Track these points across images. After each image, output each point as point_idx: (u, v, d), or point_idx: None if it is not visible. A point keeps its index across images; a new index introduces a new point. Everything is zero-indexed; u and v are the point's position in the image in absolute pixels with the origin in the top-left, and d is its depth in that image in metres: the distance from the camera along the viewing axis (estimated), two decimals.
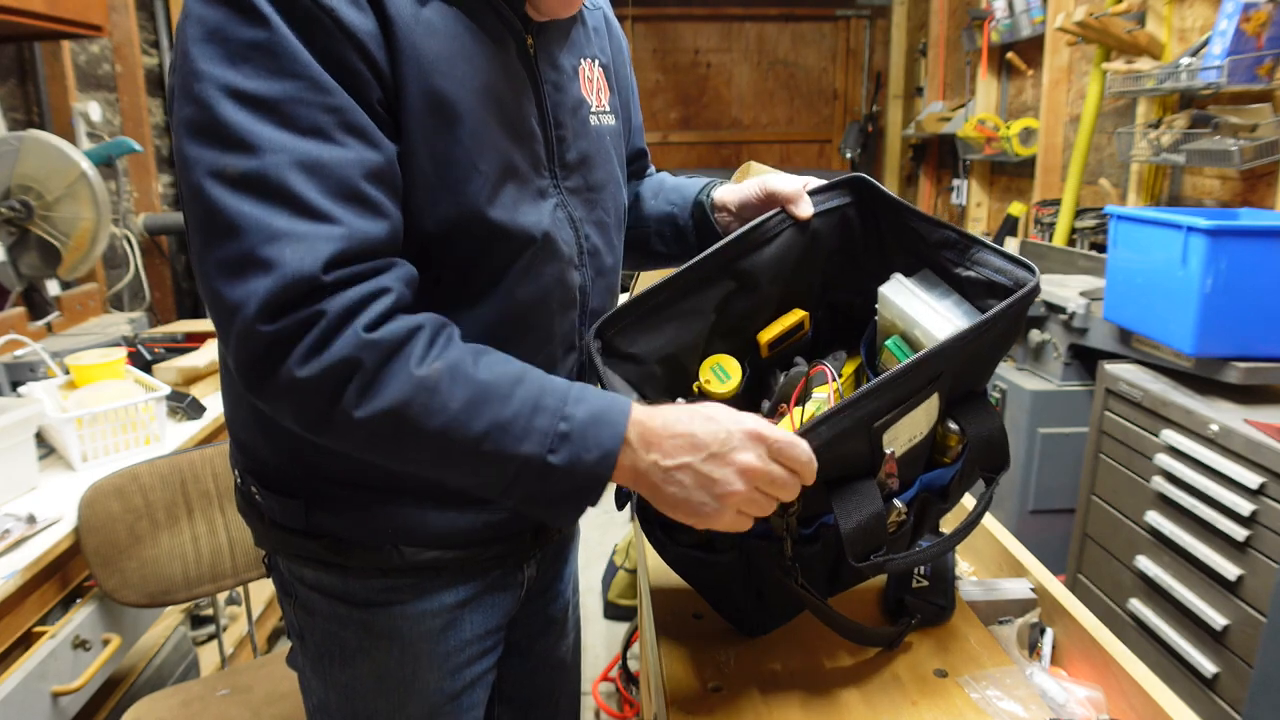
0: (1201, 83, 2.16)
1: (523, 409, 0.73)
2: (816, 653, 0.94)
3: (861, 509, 0.79)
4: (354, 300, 0.69)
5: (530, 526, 0.98)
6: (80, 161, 2.04)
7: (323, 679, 0.97)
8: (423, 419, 0.70)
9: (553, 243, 0.86)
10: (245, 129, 0.68)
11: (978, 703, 0.84)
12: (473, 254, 0.81)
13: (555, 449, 0.72)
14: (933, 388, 0.82)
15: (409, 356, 0.71)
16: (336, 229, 0.69)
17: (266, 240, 0.67)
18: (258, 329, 0.67)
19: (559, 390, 0.75)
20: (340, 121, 0.71)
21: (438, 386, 0.71)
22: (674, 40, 4.90)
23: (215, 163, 0.68)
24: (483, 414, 0.72)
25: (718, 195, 1.05)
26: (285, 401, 0.70)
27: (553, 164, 0.88)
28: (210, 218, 0.68)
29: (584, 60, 0.93)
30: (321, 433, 0.72)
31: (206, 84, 0.68)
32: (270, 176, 0.68)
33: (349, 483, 0.87)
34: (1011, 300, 0.82)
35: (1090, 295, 2.25)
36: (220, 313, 0.69)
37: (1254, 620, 1.52)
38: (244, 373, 0.70)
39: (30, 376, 1.81)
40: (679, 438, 0.74)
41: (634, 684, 2.28)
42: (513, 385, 0.74)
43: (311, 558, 0.91)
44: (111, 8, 2.70)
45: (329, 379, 0.68)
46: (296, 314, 0.67)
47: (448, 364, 0.72)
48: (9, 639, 1.22)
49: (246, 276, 0.67)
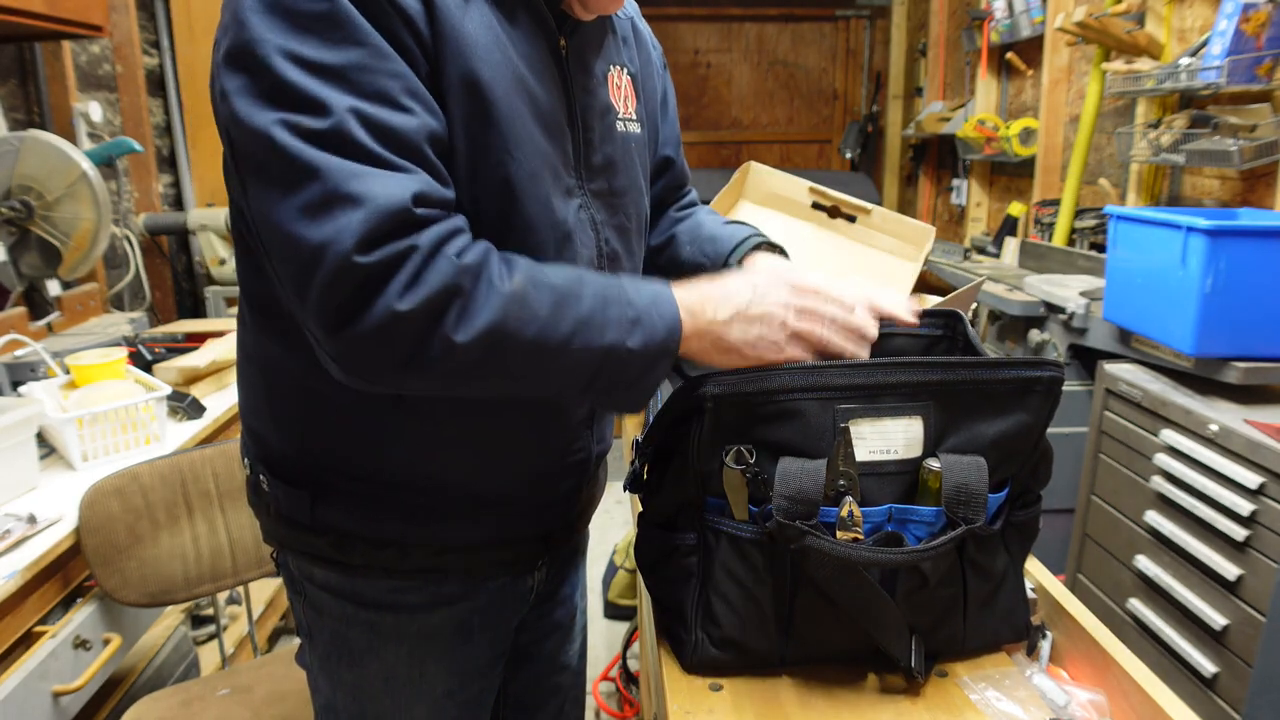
0: (1201, 83, 2.16)
1: (596, 303, 0.76)
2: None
3: (805, 471, 0.80)
4: (440, 234, 0.71)
5: (539, 533, 0.98)
6: (81, 161, 2.05)
7: (330, 678, 0.97)
8: (518, 331, 0.73)
9: (573, 243, 0.86)
10: (315, 92, 0.68)
11: (977, 703, 0.84)
12: (498, 242, 0.81)
13: (631, 333, 0.77)
14: (911, 408, 0.83)
15: (493, 276, 0.73)
16: (415, 176, 0.70)
17: (352, 176, 0.68)
18: (354, 260, 0.67)
19: (614, 282, 0.80)
20: (404, 87, 0.72)
21: (526, 297, 0.73)
22: (674, 40, 4.90)
23: (288, 118, 0.68)
24: (566, 315, 0.75)
25: (750, 262, 1.03)
26: (382, 339, 0.69)
27: (579, 165, 0.88)
28: (286, 166, 0.68)
29: (613, 67, 0.94)
30: (416, 371, 0.72)
31: (271, 51, 0.69)
32: (344, 133, 0.68)
33: (356, 476, 0.87)
34: (1001, 361, 0.85)
35: (1090, 295, 2.25)
36: (304, 257, 0.68)
37: (1254, 620, 1.52)
38: (335, 315, 0.69)
39: (31, 376, 1.81)
40: (720, 298, 0.82)
41: (634, 684, 2.28)
42: (579, 284, 0.77)
43: (318, 555, 0.91)
44: (112, 8, 2.70)
45: (431, 308, 0.69)
46: (393, 245, 0.68)
47: (525, 275, 0.75)
48: (9, 639, 1.22)
49: (334, 213, 0.67)
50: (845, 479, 0.82)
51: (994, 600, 0.90)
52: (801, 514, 0.79)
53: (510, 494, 0.93)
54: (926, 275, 3.31)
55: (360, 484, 0.87)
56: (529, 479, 0.93)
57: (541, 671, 1.14)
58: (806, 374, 0.82)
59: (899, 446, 0.84)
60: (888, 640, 0.84)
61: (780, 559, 0.84)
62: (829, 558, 0.79)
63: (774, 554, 0.84)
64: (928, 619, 0.87)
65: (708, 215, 1.16)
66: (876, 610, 0.83)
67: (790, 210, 1.60)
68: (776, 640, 0.87)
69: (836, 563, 0.79)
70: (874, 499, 0.83)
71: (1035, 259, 2.91)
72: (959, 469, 0.82)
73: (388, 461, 0.87)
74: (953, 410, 0.85)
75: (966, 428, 0.85)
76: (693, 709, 0.84)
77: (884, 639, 0.84)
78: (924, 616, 0.87)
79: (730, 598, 0.86)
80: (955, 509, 0.82)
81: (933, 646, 0.88)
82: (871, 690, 0.87)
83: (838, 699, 0.85)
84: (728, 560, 0.86)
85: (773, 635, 0.87)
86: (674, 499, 0.88)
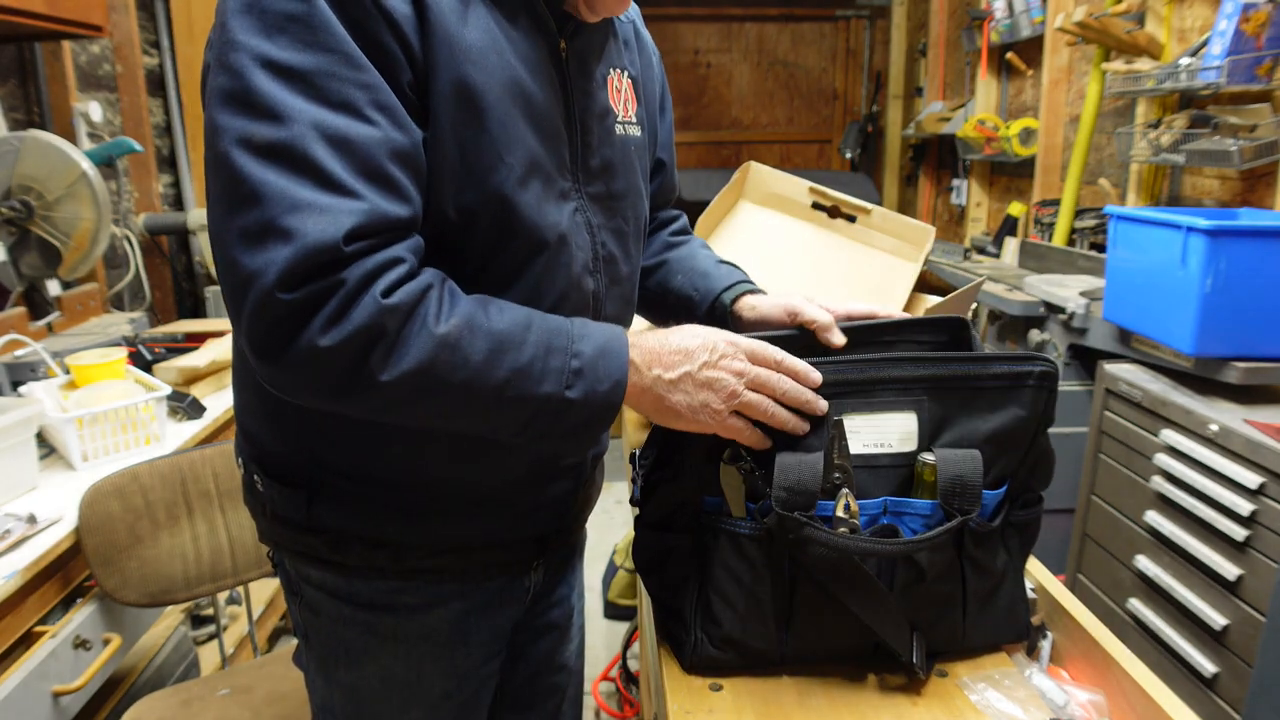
0: (1201, 83, 2.16)
1: (538, 352, 0.76)
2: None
3: (803, 463, 0.81)
4: (371, 268, 0.70)
5: (534, 534, 0.98)
6: (81, 161, 2.05)
7: (327, 679, 0.97)
8: (447, 374, 0.72)
9: (568, 246, 0.86)
10: (275, 98, 0.68)
11: (977, 704, 0.84)
12: (491, 248, 0.81)
13: (571, 385, 0.76)
14: (905, 403, 0.84)
15: (426, 316, 0.72)
16: (359, 203, 0.69)
17: (289, 210, 0.67)
18: (277, 297, 0.66)
19: (564, 329, 0.79)
20: (371, 99, 0.71)
21: (459, 343, 0.72)
22: (674, 40, 4.90)
23: (243, 131, 0.68)
24: (502, 362, 0.74)
25: (740, 306, 1.04)
26: (305, 371, 0.70)
27: (576, 168, 0.88)
28: (234, 185, 0.68)
29: (614, 70, 0.94)
30: (342, 400, 0.72)
31: (241, 53, 0.69)
32: (296, 147, 0.68)
33: (351, 476, 0.87)
34: (992, 356, 0.86)
35: (1090, 295, 2.25)
36: (236, 281, 0.68)
37: (1254, 620, 1.52)
38: (260, 343, 0.69)
39: (31, 376, 1.81)
40: (675, 353, 0.81)
41: (634, 684, 2.28)
42: (524, 330, 0.76)
43: (313, 555, 0.91)
44: (111, 8, 2.70)
45: (352, 346, 0.69)
46: (316, 283, 0.67)
47: (463, 318, 0.74)
48: (10, 639, 1.22)
49: (266, 245, 0.67)
50: (840, 472, 0.82)
51: (994, 599, 0.91)
52: (800, 505, 0.80)
53: (507, 495, 0.93)
54: (926, 275, 3.31)
55: (356, 484, 0.87)
56: (525, 480, 0.94)
57: (538, 671, 1.14)
58: None
59: (893, 440, 0.85)
60: (888, 634, 0.84)
61: (779, 555, 0.85)
62: (827, 549, 0.79)
63: (772, 550, 0.84)
64: (926, 614, 0.87)
65: (701, 248, 1.17)
66: (875, 604, 0.83)
67: (790, 210, 1.60)
68: (776, 638, 0.87)
69: (834, 555, 0.80)
70: (869, 492, 0.84)
71: (1035, 259, 2.91)
72: (954, 461, 0.83)
73: (384, 462, 0.87)
74: (947, 405, 0.86)
75: (962, 423, 0.86)
76: (693, 709, 0.84)
77: (884, 633, 0.84)
78: (922, 612, 0.87)
79: (730, 596, 0.86)
80: (951, 500, 0.82)
81: (933, 643, 0.88)
82: (872, 690, 0.87)
83: (838, 699, 0.85)
84: (727, 558, 0.86)
85: (772, 633, 0.87)
86: (671, 500, 0.88)
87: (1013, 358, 0.86)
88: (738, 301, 1.04)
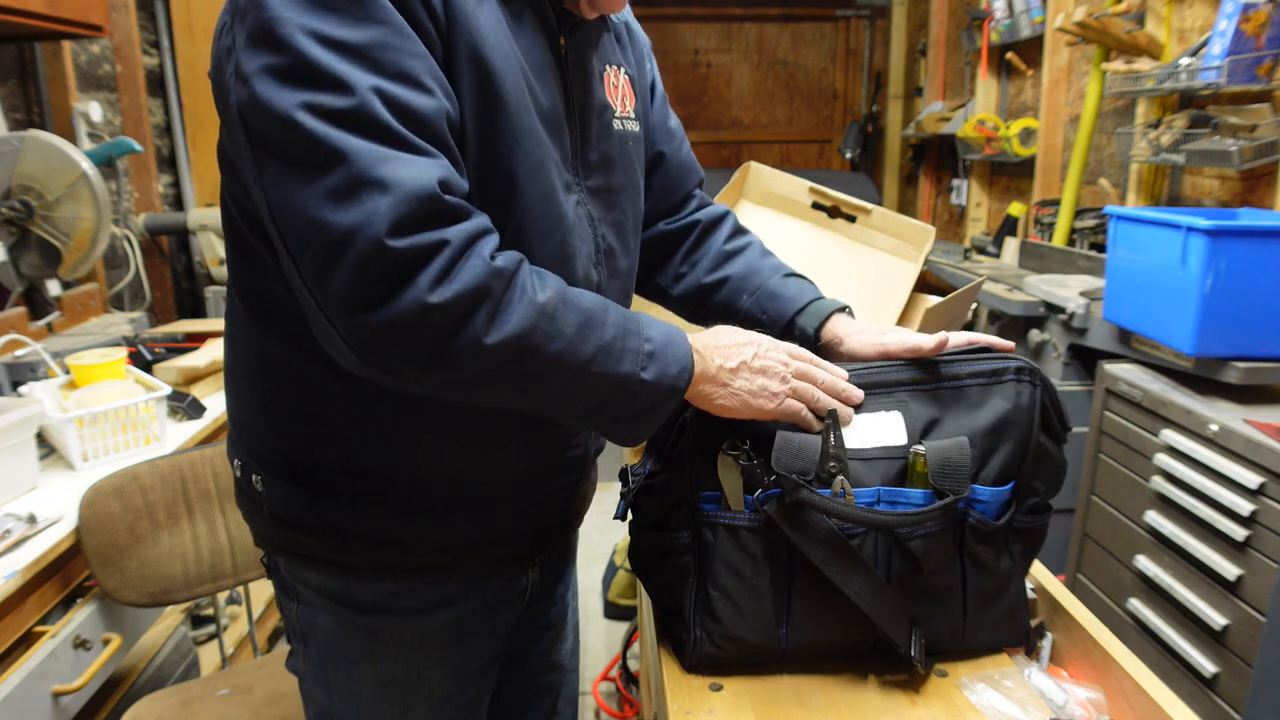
0: (1201, 83, 2.16)
1: (617, 332, 0.77)
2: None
3: (803, 438, 0.85)
4: (472, 231, 0.71)
5: (535, 532, 0.98)
6: (81, 161, 2.05)
7: (326, 685, 0.96)
8: (544, 343, 0.73)
9: (573, 237, 0.87)
10: (338, 70, 0.68)
11: (976, 704, 0.84)
12: (503, 235, 0.81)
13: (645, 366, 0.78)
14: (888, 404, 0.89)
15: (525, 284, 0.73)
16: (438, 161, 0.70)
17: (379, 161, 0.67)
18: (387, 245, 0.66)
19: (632, 314, 0.81)
20: (426, 68, 0.72)
21: (555, 312, 0.74)
22: (674, 40, 4.90)
23: (310, 99, 0.68)
24: (590, 338, 0.75)
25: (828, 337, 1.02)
26: (411, 328, 0.69)
27: (576, 162, 0.89)
28: (311, 149, 0.67)
29: (610, 67, 0.95)
30: (435, 364, 0.71)
31: (293, 30, 0.68)
32: (366, 113, 0.68)
33: (356, 473, 0.86)
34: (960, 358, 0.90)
35: (1090, 295, 2.25)
36: (330, 241, 0.67)
37: (1254, 620, 1.52)
38: (360, 299, 0.68)
39: (31, 376, 1.81)
40: (728, 346, 0.86)
41: (634, 684, 2.28)
42: (604, 310, 0.78)
43: (313, 556, 0.90)
44: (111, 8, 2.70)
45: (462, 304, 0.69)
46: (424, 234, 0.68)
47: (556, 291, 0.75)
48: (9, 639, 1.22)
49: (362, 198, 0.66)
50: (835, 461, 0.85)
51: (996, 600, 0.91)
52: (799, 470, 0.83)
53: (509, 489, 0.93)
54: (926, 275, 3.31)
55: (358, 480, 0.87)
56: (527, 474, 0.94)
57: (534, 671, 1.14)
58: None
59: (884, 435, 0.88)
60: (885, 625, 0.85)
61: (777, 546, 0.86)
62: (822, 513, 0.82)
63: (771, 541, 0.86)
64: (924, 608, 0.88)
65: (762, 258, 1.13)
66: (872, 592, 0.84)
67: (790, 210, 1.60)
68: (776, 633, 0.87)
69: (830, 530, 0.82)
70: (863, 482, 0.86)
71: (1035, 259, 2.91)
72: (942, 448, 0.86)
73: (386, 457, 0.86)
74: (933, 407, 0.89)
75: (952, 420, 0.89)
76: (693, 709, 0.84)
77: (882, 623, 0.85)
78: (920, 604, 0.88)
79: (729, 591, 0.87)
80: (941, 481, 0.85)
81: (933, 641, 0.89)
82: (872, 690, 0.87)
83: (838, 699, 0.85)
84: (726, 552, 0.86)
85: (772, 627, 0.87)
86: (666, 499, 0.89)
87: (988, 357, 0.91)
88: (826, 332, 1.02)
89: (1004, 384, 0.89)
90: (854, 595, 0.83)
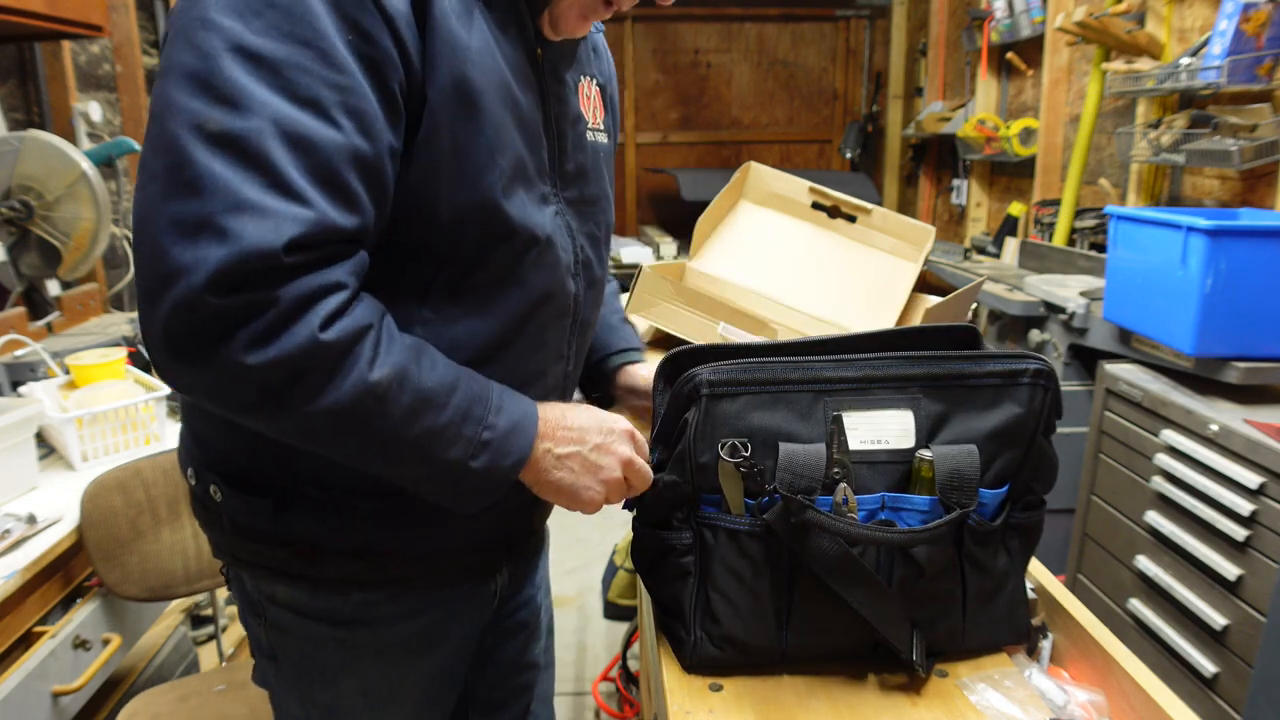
0: (1201, 83, 2.16)
1: (455, 417, 0.75)
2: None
3: (807, 452, 0.83)
4: (308, 291, 0.66)
5: (503, 538, 0.98)
6: (80, 161, 2.05)
7: (301, 700, 0.94)
8: (364, 421, 0.71)
9: (553, 248, 0.87)
10: (239, 85, 0.65)
11: (977, 704, 0.84)
12: (480, 250, 0.81)
13: (477, 455, 0.77)
14: (901, 400, 0.86)
15: (360, 358, 0.69)
16: (306, 211, 0.66)
17: (231, 207, 0.63)
18: (206, 299, 0.63)
19: (484, 397, 0.79)
20: (340, 100, 0.68)
21: (386, 394, 0.71)
22: (674, 40, 4.90)
23: (199, 114, 0.65)
24: (420, 421, 0.73)
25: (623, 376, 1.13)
26: (221, 380, 0.67)
27: (554, 172, 0.89)
28: (177, 169, 0.65)
29: (583, 78, 0.95)
30: (248, 416, 0.71)
31: (212, 33, 0.66)
32: (251, 141, 0.65)
33: (323, 483, 0.84)
34: (986, 354, 0.87)
35: (1090, 295, 2.25)
36: (161, 271, 0.64)
37: (1254, 620, 1.52)
38: (176, 342, 0.65)
39: (30, 376, 1.81)
40: (570, 430, 0.84)
41: (634, 684, 2.28)
42: (449, 392, 0.75)
43: (279, 569, 0.88)
44: (111, 8, 2.70)
45: (278, 371, 0.66)
46: (249, 294, 0.64)
47: (396, 370, 0.72)
48: (9, 639, 1.22)
49: (199, 241, 0.63)
50: (839, 467, 0.83)
51: (995, 599, 0.91)
52: (803, 489, 0.81)
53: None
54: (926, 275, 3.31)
55: (328, 491, 0.84)
56: None
57: (508, 671, 1.14)
58: (797, 367, 0.84)
59: (890, 437, 0.86)
60: (887, 631, 0.84)
61: (778, 550, 0.85)
62: (828, 533, 0.80)
63: (771, 546, 0.85)
64: (925, 612, 0.87)
65: (614, 297, 1.22)
66: (874, 600, 0.83)
67: (790, 210, 1.60)
68: (776, 635, 0.87)
69: (834, 547, 0.80)
70: (867, 487, 0.85)
71: (1035, 259, 2.91)
72: (951, 457, 0.84)
73: (356, 470, 0.83)
74: (943, 403, 0.87)
75: (960, 421, 0.87)
76: (693, 709, 0.84)
77: (884, 629, 0.84)
78: (921, 609, 0.87)
79: (729, 594, 0.86)
80: (949, 494, 0.84)
81: (933, 642, 0.88)
82: (872, 690, 0.87)
83: (838, 699, 0.85)
84: (726, 555, 0.86)
85: (772, 630, 0.87)
86: (670, 499, 0.88)
87: (1006, 355, 0.87)
88: (620, 375, 1.13)
89: (1019, 387, 0.87)
90: (856, 603, 0.83)
